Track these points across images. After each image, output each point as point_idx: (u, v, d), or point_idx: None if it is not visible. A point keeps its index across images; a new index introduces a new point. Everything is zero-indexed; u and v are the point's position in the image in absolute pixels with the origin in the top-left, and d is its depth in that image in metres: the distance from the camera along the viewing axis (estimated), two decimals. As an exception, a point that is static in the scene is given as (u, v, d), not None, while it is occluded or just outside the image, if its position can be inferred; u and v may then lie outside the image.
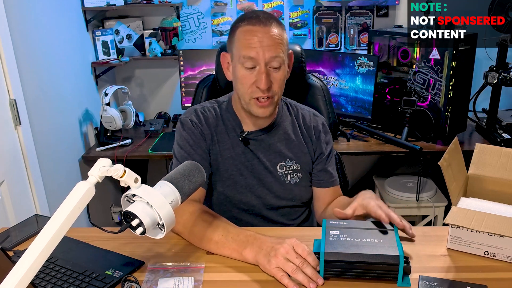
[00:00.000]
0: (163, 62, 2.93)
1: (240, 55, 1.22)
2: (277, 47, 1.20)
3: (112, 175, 0.83)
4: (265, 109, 1.26)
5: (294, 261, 0.99)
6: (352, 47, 2.87)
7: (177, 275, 1.03)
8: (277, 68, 1.22)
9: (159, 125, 2.73)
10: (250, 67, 1.21)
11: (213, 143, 1.34)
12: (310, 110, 1.44)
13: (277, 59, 1.21)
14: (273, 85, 1.23)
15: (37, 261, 0.74)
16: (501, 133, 2.40)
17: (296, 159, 1.37)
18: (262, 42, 1.19)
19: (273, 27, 1.21)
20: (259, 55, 1.19)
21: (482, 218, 1.06)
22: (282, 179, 1.36)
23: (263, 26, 1.20)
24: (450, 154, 1.17)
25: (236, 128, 1.35)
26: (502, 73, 2.32)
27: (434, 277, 0.99)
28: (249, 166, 1.35)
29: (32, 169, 2.01)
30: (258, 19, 1.21)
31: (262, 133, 1.35)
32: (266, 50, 1.19)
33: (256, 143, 1.35)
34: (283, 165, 1.36)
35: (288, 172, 1.36)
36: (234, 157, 1.34)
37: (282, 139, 1.36)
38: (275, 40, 1.20)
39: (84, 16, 2.64)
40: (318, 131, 1.40)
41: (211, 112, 1.36)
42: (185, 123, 1.34)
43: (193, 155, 1.30)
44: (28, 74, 2.01)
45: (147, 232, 0.86)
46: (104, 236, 0.99)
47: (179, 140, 1.34)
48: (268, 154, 1.35)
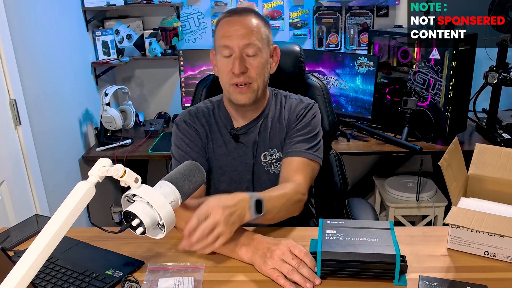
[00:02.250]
0: (163, 62, 2.92)
1: (219, 45, 1.28)
2: (251, 35, 1.26)
3: (112, 175, 0.83)
4: (243, 95, 1.29)
5: (291, 262, 1.00)
6: (352, 47, 2.87)
7: (177, 275, 1.03)
8: (253, 55, 1.27)
9: (159, 125, 2.73)
10: (227, 56, 1.27)
11: (208, 141, 1.38)
12: (300, 97, 1.43)
13: (251, 46, 1.26)
14: (249, 71, 1.27)
15: (37, 261, 0.74)
16: (501, 133, 2.40)
17: (277, 148, 1.38)
18: (237, 31, 1.26)
19: (249, 17, 1.28)
20: (233, 42, 1.25)
21: (482, 218, 1.06)
22: (266, 169, 1.37)
23: (239, 16, 1.28)
24: (450, 154, 1.17)
25: (227, 125, 1.39)
26: (502, 73, 2.31)
27: (434, 277, 0.99)
28: (242, 161, 1.37)
29: (32, 169, 2.01)
30: (235, 11, 1.31)
31: (251, 125, 1.38)
32: (240, 38, 1.25)
33: (245, 137, 1.38)
34: (266, 154, 1.37)
35: (271, 162, 1.37)
36: (227, 154, 1.37)
37: (267, 129, 1.38)
38: (249, 29, 1.26)
39: (84, 16, 2.63)
40: (300, 114, 1.37)
41: (204, 112, 1.41)
42: (179, 124, 1.39)
43: (190, 153, 1.34)
44: (28, 74, 2.01)
45: (147, 232, 0.86)
46: (104, 236, 1.00)
47: (176, 140, 1.38)
48: (255, 145, 1.37)
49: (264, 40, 1.30)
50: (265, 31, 1.31)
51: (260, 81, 1.30)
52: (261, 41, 1.28)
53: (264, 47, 1.30)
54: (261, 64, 1.29)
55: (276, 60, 1.38)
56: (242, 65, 1.26)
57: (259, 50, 1.27)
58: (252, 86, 1.29)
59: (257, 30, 1.28)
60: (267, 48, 1.31)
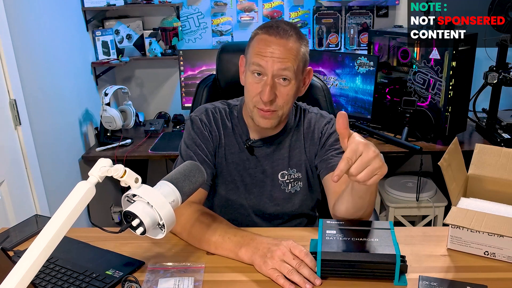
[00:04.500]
0: (163, 62, 2.93)
1: (251, 62, 1.21)
2: (289, 60, 1.18)
3: (112, 175, 0.83)
4: (267, 120, 1.24)
5: (291, 263, 0.99)
6: (352, 47, 2.87)
7: (177, 275, 1.03)
8: (285, 81, 1.20)
9: (159, 125, 2.73)
10: (258, 75, 1.20)
11: (220, 146, 1.34)
12: (319, 111, 1.39)
13: (286, 72, 1.18)
14: (277, 99, 1.21)
15: (37, 261, 0.74)
16: (501, 133, 2.40)
17: (297, 168, 1.34)
18: (273, 53, 1.17)
19: (290, 40, 1.19)
20: (268, 64, 1.18)
21: (482, 218, 1.06)
22: (283, 188, 1.34)
23: (279, 38, 1.18)
24: (450, 154, 1.17)
25: (243, 134, 1.34)
26: (502, 73, 2.32)
27: (434, 277, 0.99)
28: (252, 173, 1.34)
29: (32, 169, 2.01)
30: (276, 30, 1.19)
31: (268, 141, 1.33)
32: (276, 62, 1.17)
33: (261, 151, 1.33)
34: (284, 173, 1.34)
35: (289, 181, 1.34)
36: (238, 162, 1.33)
37: (286, 147, 1.34)
38: (288, 53, 1.18)
39: (84, 16, 2.64)
40: (325, 131, 1.33)
41: (221, 114, 1.35)
42: (195, 121, 1.33)
43: (198, 156, 1.29)
44: (28, 74, 2.01)
45: (148, 232, 0.86)
46: (104, 236, 0.99)
47: (186, 138, 1.33)
48: (271, 162, 1.34)
49: (301, 64, 1.22)
50: (304, 53, 1.23)
51: (287, 108, 1.24)
52: (298, 67, 1.21)
53: (298, 73, 1.22)
54: (291, 92, 1.21)
55: (307, 83, 1.31)
56: (272, 92, 1.18)
57: (293, 77, 1.20)
58: (277, 113, 1.23)
59: (295, 55, 1.19)
60: (301, 74, 1.24)
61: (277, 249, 1.02)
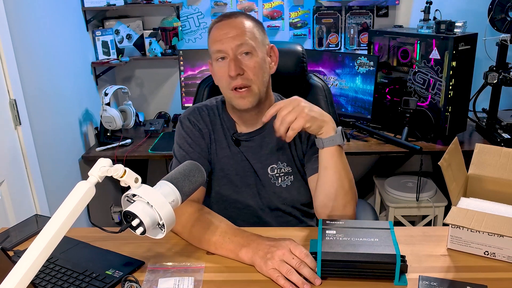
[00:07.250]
0: (163, 62, 2.93)
1: (212, 51, 1.27)
2: (243, 35, 1.23)
3: (112, 175, 0.83)
4: (244, 99, 1.25)
5: (291, 263, 0.99)
6: (352, 47, 2.87)
7: (177, 275, 1.03)
8: (248, 55, 1.23)
9: (159, 125, 2.73)
10: (222, 60, 1.25)
11: (211, 142, 1.35)
12: None
13: (244, 45, 1.22)
14: (246, 73, 1.23)
15: (37, 261, 0.74)
16: (501, 133, 2.40)
17: (287, 162, 1.34)
18: (227, 33, 1.23)
19: (239, 18, 1.26)
20: (225, 45, 1.23)
21: (482, 218, 1.06)
22: (273, 182, 1.34)
23: (228, 19, 1.26)
24: (450, 154, 1.17)
25: (230, 128, 1.36)
26: (502, 73, 2.32)
27: (434, 277, 0.99)
28: (242, 168, 1.34)
29: (32, 169, 2.01)
30: (224, 15, 1.28)
31: (255, 134, 1.34)
32: (232, 40, 1.22)
33: (247, 145, 1.34)
34: (274, 167, 1.34)
35: (279, 175, 1.34)
36: (230, 157, 1.34)
37: (274, 141, 1.33)
38: (240, 30, 1.23)
39: (84, 16, 2.63)
40: None
41: (211, 111, 1.37)
42: (183, 121, 1.36)
43: (191, 154, 1.31)
44: (28, 74, 2.01)
45: (147, 232, 0.86)
46: (104, 236, 1.00)
47: (178, 139, 1.35)
48: (259, 156, 1.34)
49: (258, 39, 1.25)
50: (258, 31, 1.27)
51: (259, 82, 1.25)
52: (254, 40, 1.24)
53: (258, 46, 1.25)
54: (257, 63, 1.24)
55: (275, 60, 1.33)
56: (238, 66, 1.22)
57: (253, 49, 1.23)
58: (252, 89, 1.24)
59: (248, 30, 1.24)
60: (262, 47, 1.27)
61: (277, 249, 1.02)
